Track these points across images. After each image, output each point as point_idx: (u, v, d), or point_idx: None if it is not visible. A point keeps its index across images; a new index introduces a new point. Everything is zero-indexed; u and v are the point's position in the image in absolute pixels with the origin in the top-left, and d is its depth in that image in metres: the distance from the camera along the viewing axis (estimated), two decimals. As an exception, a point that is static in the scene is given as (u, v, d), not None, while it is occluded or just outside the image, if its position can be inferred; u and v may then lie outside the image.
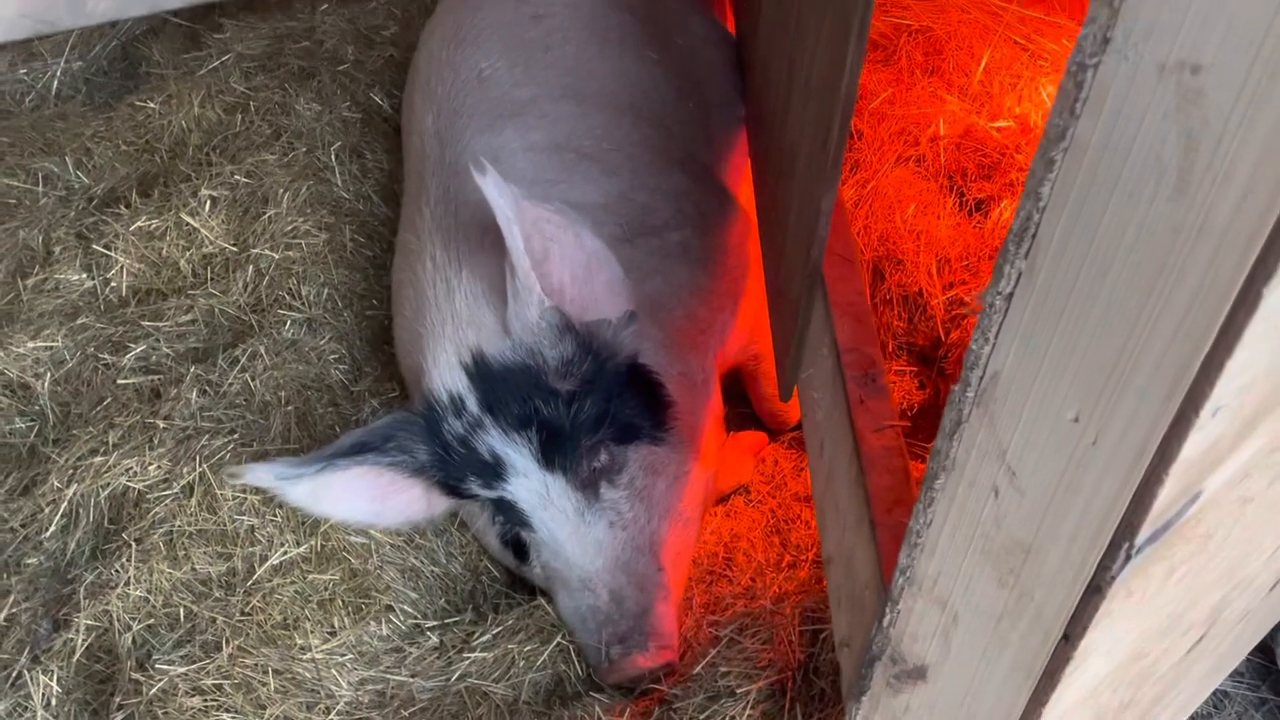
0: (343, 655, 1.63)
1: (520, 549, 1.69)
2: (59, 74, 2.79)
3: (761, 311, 1.87)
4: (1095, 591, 0.87)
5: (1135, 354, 0.75)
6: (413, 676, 1.64)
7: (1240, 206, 0.66)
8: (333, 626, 1.66)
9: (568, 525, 1.60)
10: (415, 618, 1.72)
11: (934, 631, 1.04)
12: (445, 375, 1.64)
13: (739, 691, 1.50)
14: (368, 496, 1.67)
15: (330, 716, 1.57)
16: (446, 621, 1.72)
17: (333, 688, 1.60)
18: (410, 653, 1.67)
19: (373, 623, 1.68)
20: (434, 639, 1.69)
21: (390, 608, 1.70)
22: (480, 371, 1.61)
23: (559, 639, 1.63)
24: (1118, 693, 1.15)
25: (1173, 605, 1.07)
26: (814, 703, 1.48)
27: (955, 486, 0.94)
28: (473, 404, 1.62)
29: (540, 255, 1.58)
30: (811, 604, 1.58)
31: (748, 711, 1.47)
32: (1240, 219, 0.66)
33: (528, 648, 1.63)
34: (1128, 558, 0.84)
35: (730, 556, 1.83)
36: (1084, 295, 0.77)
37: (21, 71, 2.79)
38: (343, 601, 1.68)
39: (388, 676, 1.63)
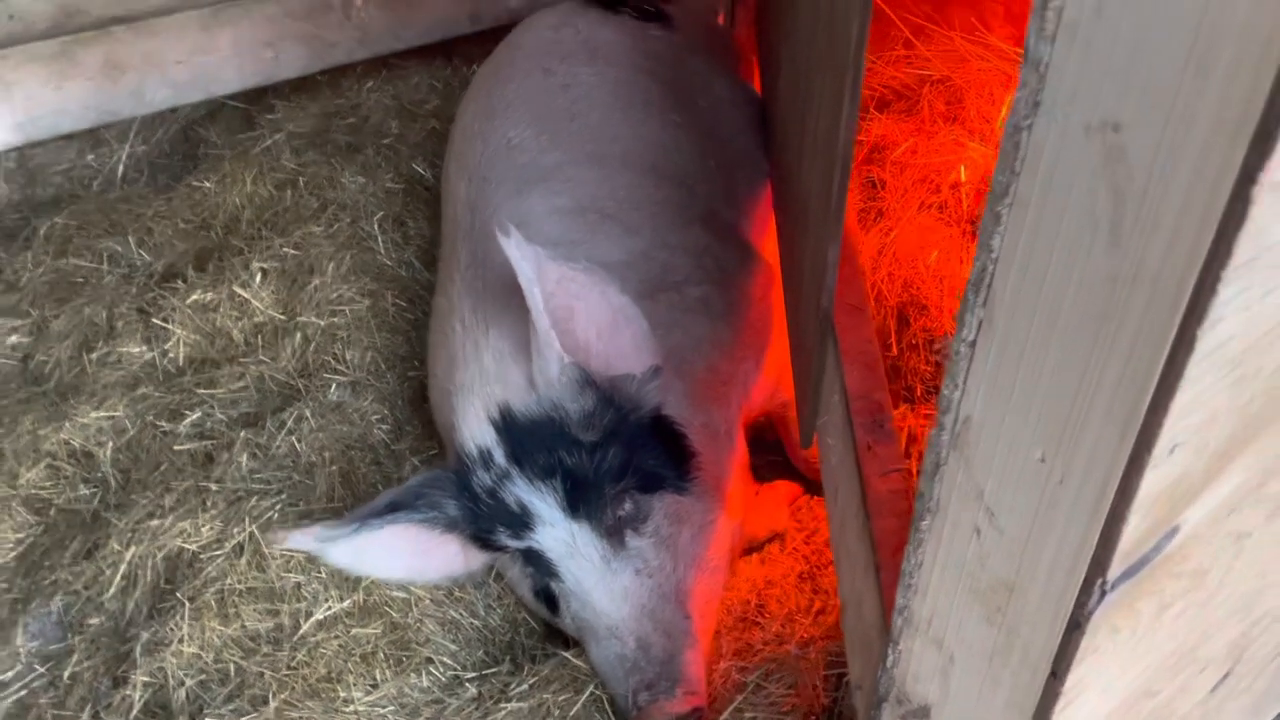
0: (384, 707, 1.68)
1: (552, 600, 1.72)
2: (124, 159, 2.96)
3: (787, 361, 1.91)
4: (1075, 628, 0.89)
5: (1089, 397, 0.78)
6: (452, 727, 1.68)
7: (1168, 255, 0.70)
8: (375, 679, 1.71)
9: (594, 573, 1.63)
10: (455, 669, 1.76)
11: (933, 671, 1.06)
12: (475, 430, 1.70)
13: (766, 737, 1.52)
14: (407, 554, 1.73)
15: (373, 767, 1.62)
16: (485, 673, 1.77)
17: (375, 739, 1.65)
18: (450, 704, 1.71)
19: (413, 675, 1.73)
20: (472, 690, 1.73)
21: (430, 660, 1.75)
22: (507, 425, 1.67)
23: (591, 689, 1.66)
24: (1134, 732, 1.15)
25: (1176, 642, 1.08)
26: (838, 747, 1.50)
27: (941, 527, 0.97)
28: (500, 456, 1.67)
29: (565, 313, 1.64)
30: (836, 649, 1.60)
31: (775, 757, 1.49)
32: (1169, 267, 0.70)
33: (562, 698, 1.66)
34: (1102, 594, 0.86)
35: (763, 603, 1.85)
36: (1038, 342, 0.80)
37: (89, 158, 2.97)
38: (384, 654, 1.74)
39: (428, 728, 1.68)
